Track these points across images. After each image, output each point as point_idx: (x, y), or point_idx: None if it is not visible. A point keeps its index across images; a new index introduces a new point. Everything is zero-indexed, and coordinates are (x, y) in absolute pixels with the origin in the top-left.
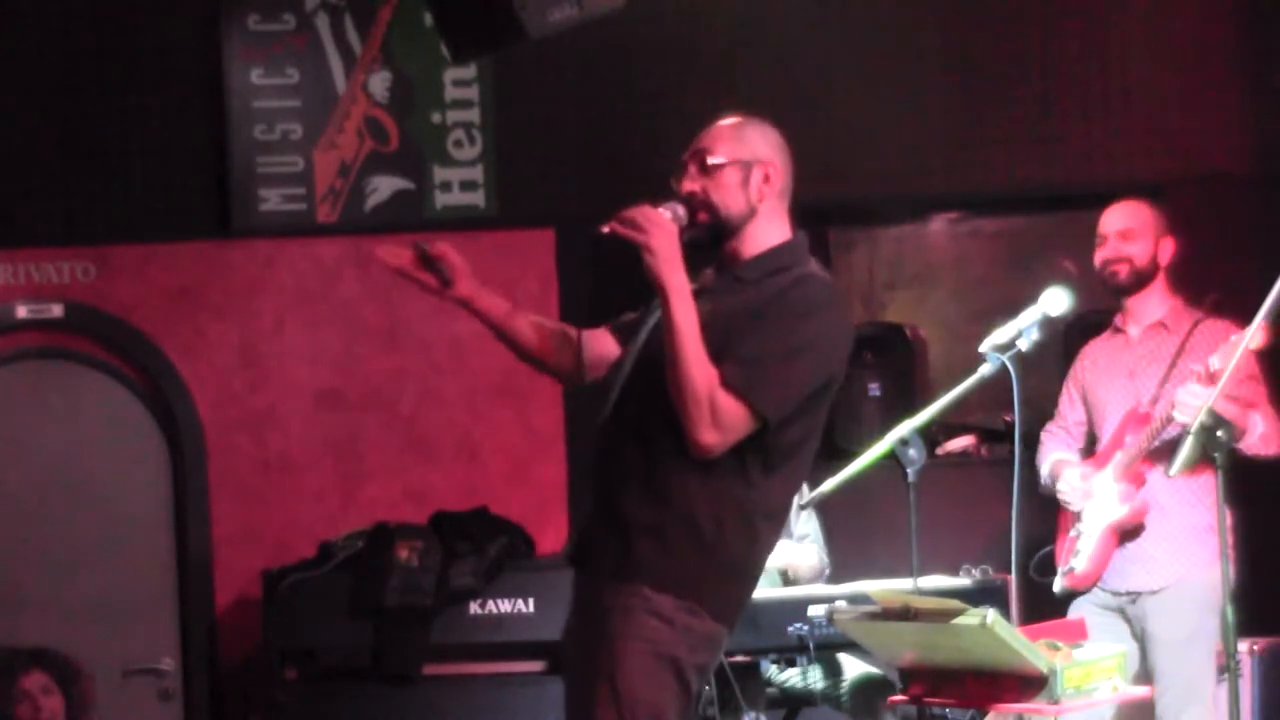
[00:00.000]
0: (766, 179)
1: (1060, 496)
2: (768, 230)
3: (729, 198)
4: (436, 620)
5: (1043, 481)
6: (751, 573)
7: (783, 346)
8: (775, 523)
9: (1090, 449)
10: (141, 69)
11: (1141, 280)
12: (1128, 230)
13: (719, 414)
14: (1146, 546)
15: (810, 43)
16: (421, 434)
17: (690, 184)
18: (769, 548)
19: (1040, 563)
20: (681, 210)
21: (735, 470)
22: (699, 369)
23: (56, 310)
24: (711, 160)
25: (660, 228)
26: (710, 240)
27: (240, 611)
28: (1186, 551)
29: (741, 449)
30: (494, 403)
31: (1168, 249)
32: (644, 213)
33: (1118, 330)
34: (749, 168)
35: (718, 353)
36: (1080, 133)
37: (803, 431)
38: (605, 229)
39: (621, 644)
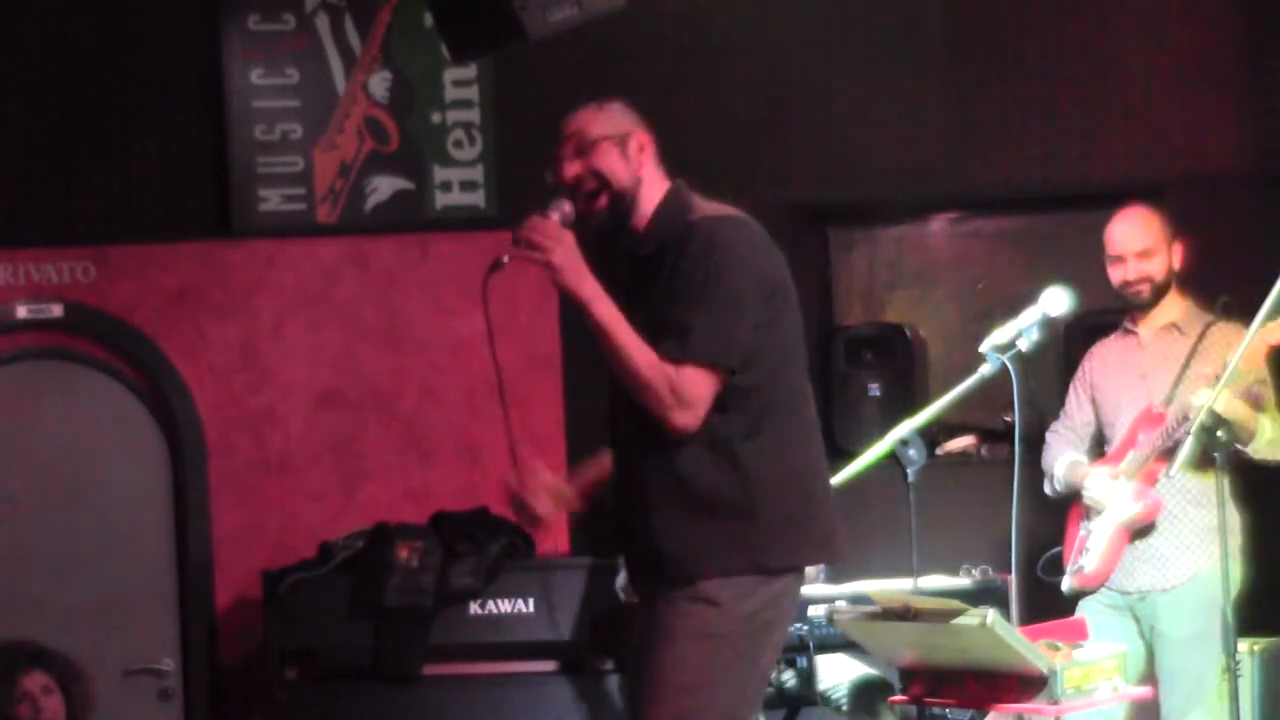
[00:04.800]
0: (642, 148)
1: (1088, 496)
2: (652, 194)
3: (615, 169)
4: (436, 620)
5: (1055, 484)
6: (798, 514)
7: (701, 299)
8: (797, 461)
9: (1097, 450)
10: (142, 69)
11: (1162, 293)
12: (1146, 250)
13: (679, 390)
14: (1158, 545)
15: (810, 43)
16: (421, 434)
17: (572, 168)
18: (809, 481)
19: (1048, 563)
20: (568, 206)
21: (726, 435)
22: (642, 358)
23: (56, 310)
24: (588, 139)
25: (558, 240)
26: (617, 221)
27: (240, 611)
28: (1198, 550)
29: (720, 412)
30: (494, 403)
31: (1178, 254)
32: (539, 229)
33: (1128, 331)
34: (623, 140)
35: (659, 339)
36: (1080, 132)
37: (768, 368)
38: (505, 257)
39: (662, 635)
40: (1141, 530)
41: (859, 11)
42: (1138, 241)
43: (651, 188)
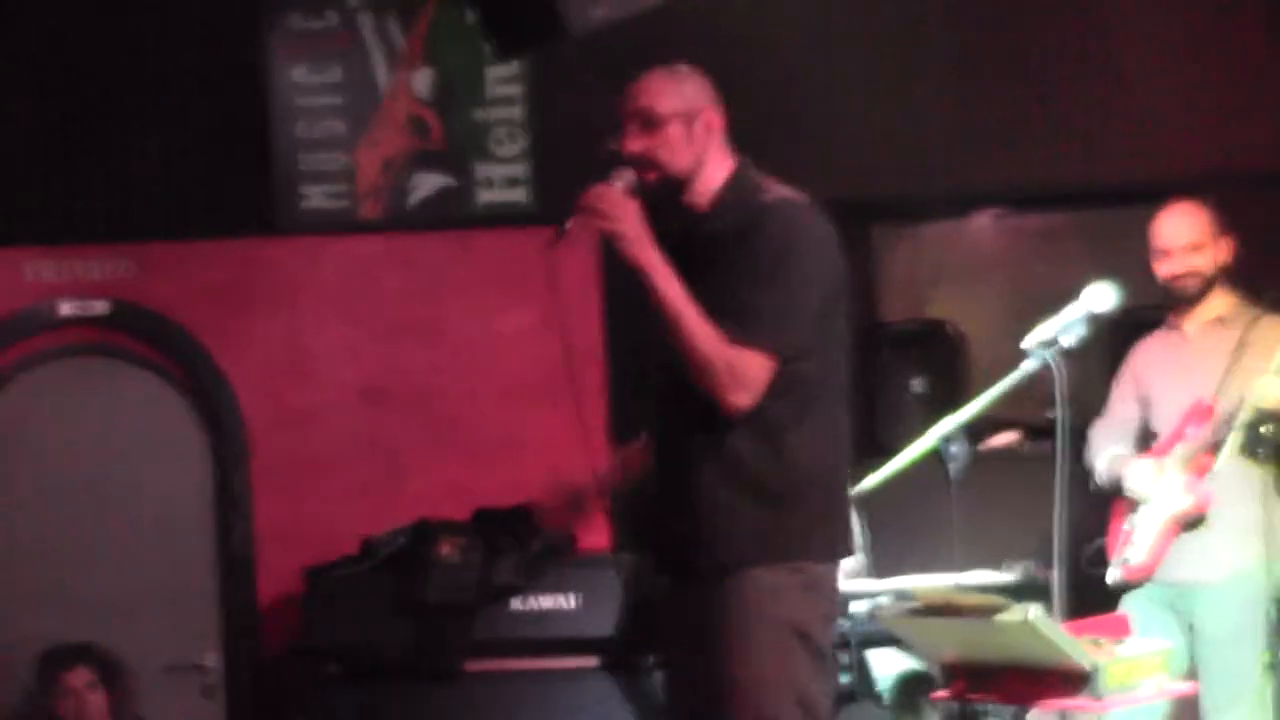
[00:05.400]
0: (709, 128)
1: (1129, 487)
2: (715, 172)
3: (677, 154)
4: (478, 617)
5: (1098, 477)
6: (834, 504)
7: (770, 283)
8: (834, 454)
9: (1142, 445)
10: (185, 67)
11: (1209, 287)
12: (1194, 244)
13: (736, 371)
14: (1203, 538)
15: (856, 37)
16: (463, 430)
17: (634, 144)
18: (842, 475)
19: (1092, 555)
20: (631, 175)
21: (775, 422)
22: (703, 334)
23: (100, 307)
24: (655, 116)
25: (626, 210)
26: (663, 197)
27: (282, 608)
28: (1242, 546)
29: (773, 398)
30: (537, 398)
31: (1226, 248)
32: (605, 197)
33: (1173, 327)
34: (691, 120)
35: (719, 317)
36: (1124, 129)
37: (821, 360)
38: (569, 224)
39: (737, 632)
40: (1192, 523)
41: (906, 5)
42: (1185, 235)
43: (715, 166)
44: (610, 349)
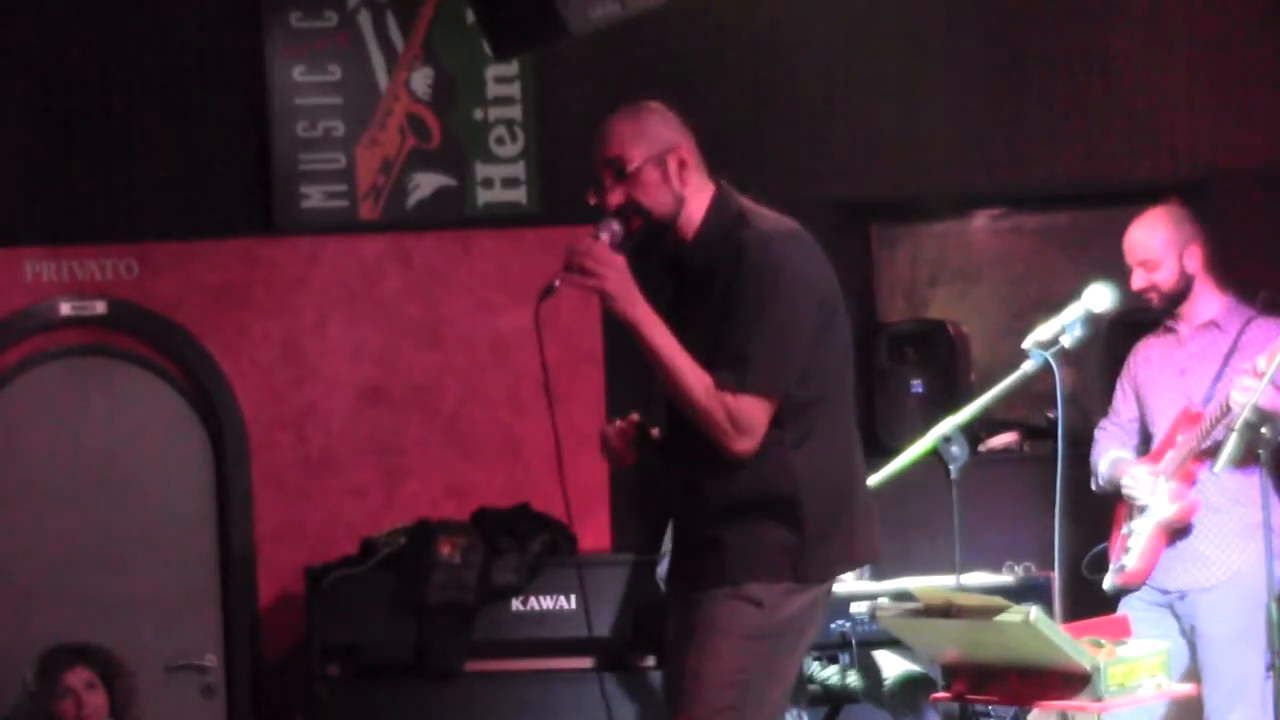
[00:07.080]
0: (682, 164)
1: (1126, 493)
2: (696, 203)
3: (657, 197)
4: (478, 617)
5: (1100, 480)
6: (839, 522)
7: (757, 326)
8: (839, 469)
9: (1145, 446)
10: (184, 66)
11: (1177, 298)
12: (1146, 261)
13: (736, 419)
14: (1197, 544)
15: (853, 39)
16: (463, 431)
17: (614, 196)
18: (848, 488)
19: (1093, 561)
20: (617, 226)
21: (775, 448)
22: (698, 384)
23: (100, 307)
24: (628, 167)
25: (611, 267)
26: (651, 240)
27: (282, 608)
28: (1237, 548)
29: (773, 426)
30: (536, 399)
31: (1195, 257)
32: (589, 254)
33: (1170, 329)
34: (663, 160)
35: (712, 363)
36: (1122, 129)
37: (819, 381)
38: (556, 281)
39: (705, 629)
40: (1179, 530)
41: (902, 8)
42: (1139, 252)
43: (696, 198)
44: (609, 354)
